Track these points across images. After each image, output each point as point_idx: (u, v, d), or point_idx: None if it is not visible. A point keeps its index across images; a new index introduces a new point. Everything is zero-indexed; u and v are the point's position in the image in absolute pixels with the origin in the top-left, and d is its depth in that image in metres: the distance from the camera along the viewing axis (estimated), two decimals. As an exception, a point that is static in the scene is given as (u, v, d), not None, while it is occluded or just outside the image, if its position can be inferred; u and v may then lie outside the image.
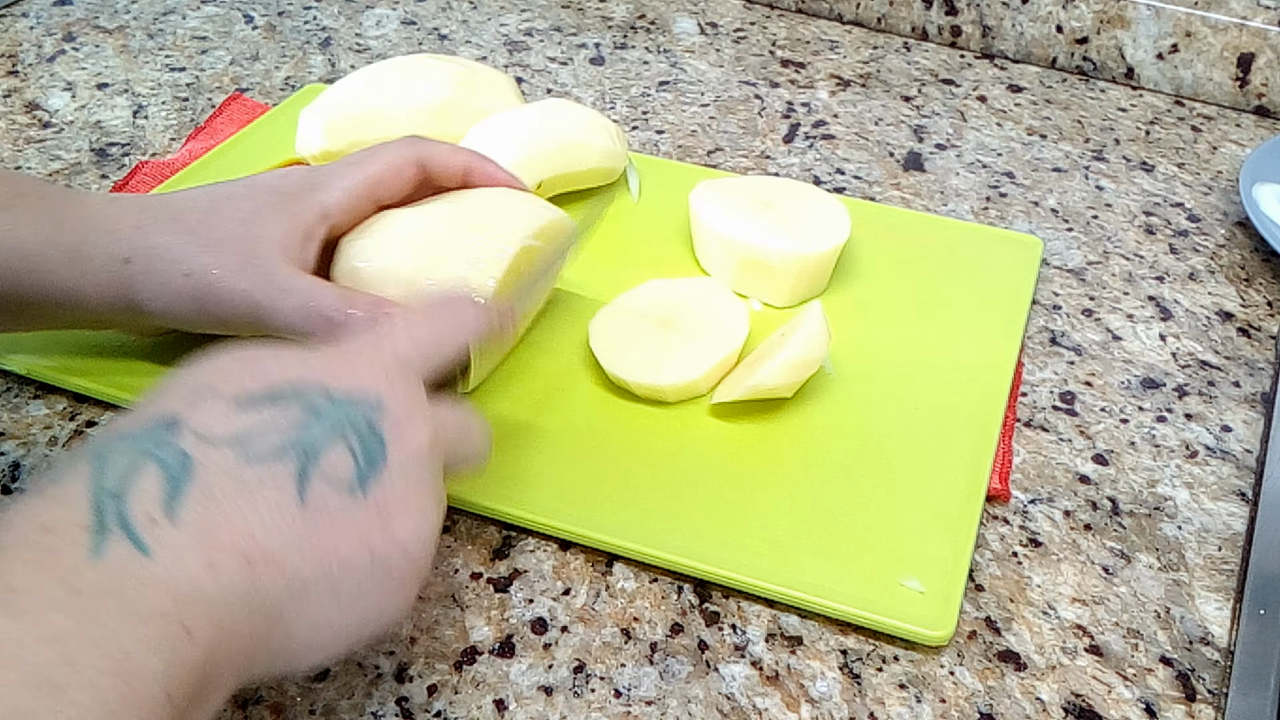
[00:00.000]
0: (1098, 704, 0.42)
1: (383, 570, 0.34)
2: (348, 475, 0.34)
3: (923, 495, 0.48)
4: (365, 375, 0.36)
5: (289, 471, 0.33)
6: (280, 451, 0.33)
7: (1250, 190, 0.66)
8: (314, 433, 0.34)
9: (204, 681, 0.30)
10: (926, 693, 0.43)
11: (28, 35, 0.81)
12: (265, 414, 0.34)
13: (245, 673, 0.32)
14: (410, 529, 0.35)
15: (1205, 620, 0.45)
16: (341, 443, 0.34)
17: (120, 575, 0.29)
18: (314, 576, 0.33)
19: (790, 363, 0.49)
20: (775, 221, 0.57)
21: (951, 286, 0.60)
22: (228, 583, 0.31)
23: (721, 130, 0.74)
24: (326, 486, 0.33)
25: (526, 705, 0.41)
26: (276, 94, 0.75)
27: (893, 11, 0.85)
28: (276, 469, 0.33)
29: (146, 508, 0.30)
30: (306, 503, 0.33)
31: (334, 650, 0.34)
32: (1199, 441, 0.53)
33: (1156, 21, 0.78)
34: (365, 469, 0.34)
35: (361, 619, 0.34)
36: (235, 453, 0.33)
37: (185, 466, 0.32)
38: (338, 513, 0.33)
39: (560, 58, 0.81)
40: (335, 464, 0.34)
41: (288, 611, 0.32)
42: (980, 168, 0.72)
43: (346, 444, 0.34)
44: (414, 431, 0.36)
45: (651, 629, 0.44)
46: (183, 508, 0.31)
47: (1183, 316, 0.61)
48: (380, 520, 0.34)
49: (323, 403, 0.35)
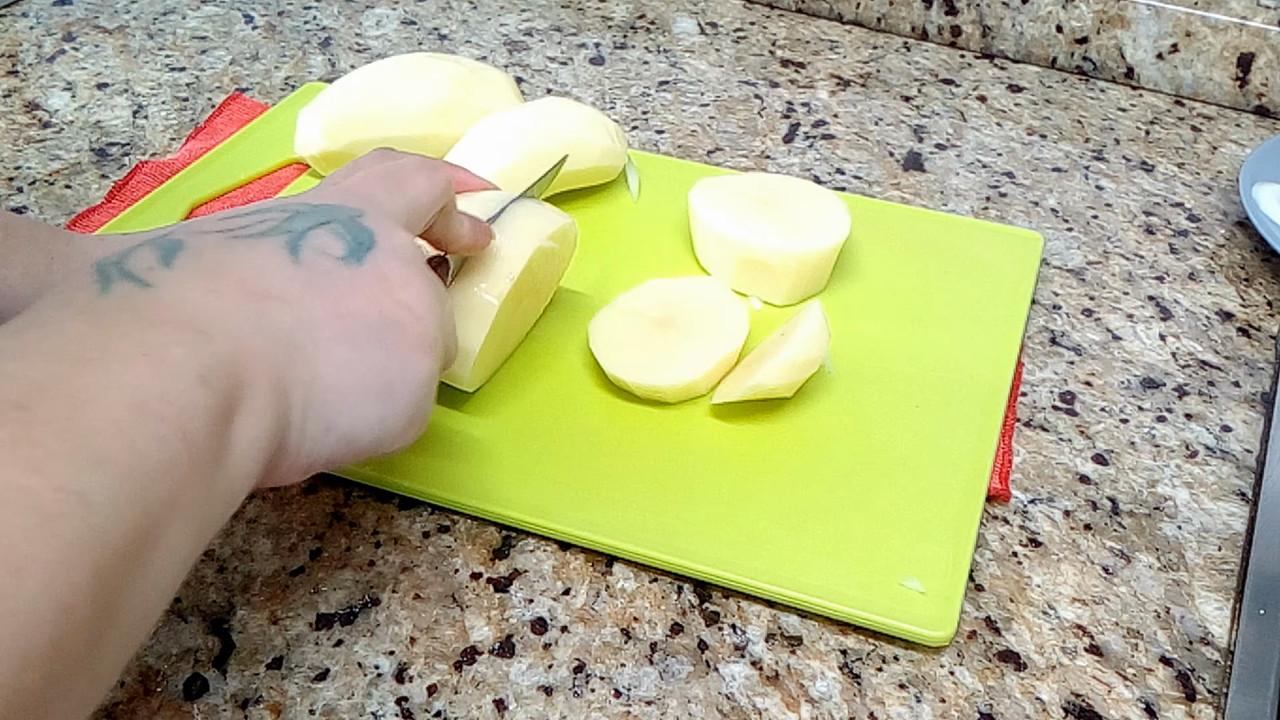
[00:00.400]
0: (1098, 704, 0.42)
1: (394, 326, 0.35)
2: (339, 250, 0.35)
3: (923, 495, 0.48)
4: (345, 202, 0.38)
5: (278, 243, 0.35)
6: (266, 233, 0.35)
7: (1250, 190, 0.66)
8: (298, 222, 0.36)
9: (237, 382, 0.31)
10: (926, 693, 0.43)
11: (28, 35, 0.81)
12: (249, 217, 0.36)
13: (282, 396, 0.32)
14: (414, 294, 0.36)
15: (1205, 620, 0.45)
16: (327, 229, 0.36)
17: (129, 301, 0.31)
18: (322, 318, 0.34)
19: (790, 362, 0.49)
20: (775, 220, 0.57)
21: (951, 285, 0.60)
22: (231, 304, 0.32)
23: (721, 130, 0.74)
24: (317, 255, 0.35)
25: (526, 705, 0.41)
26: (276, 94, 0.75)
27: (893, 11, 0.85)
28: (265, 241, 0.35)
29: (144, 263, 0.32)
30: (301, 262, 0.34)
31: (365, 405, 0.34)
32: (1199, 441, 0.53)
33: (1156, 21, 0.78)
34: (355, 246, 0.36)
35: (384, 369, 0.35)
36: (224, 236, 0.34)
37: (177, 244, 0.33)
38: (335, 273, 0.35)
39: (560, 58, 0.81)
40: (324, 241, 0.35)
41: (302, 341, 0.33)
42: (980, 167, 0.72)
43: (333, 230, 0.36)
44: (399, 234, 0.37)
45: (651, 629, 0.44)
46: (177, 261, 0.33)
47: (1183, 316, 0.61)
48: (380, 286, 0.35)
49: (304, 208, 0.37)
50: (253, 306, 0.33)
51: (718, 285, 0.56)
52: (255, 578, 0.46)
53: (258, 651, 0.43)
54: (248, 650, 0.43)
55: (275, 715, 0.41)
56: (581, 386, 0.53)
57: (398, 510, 0.48)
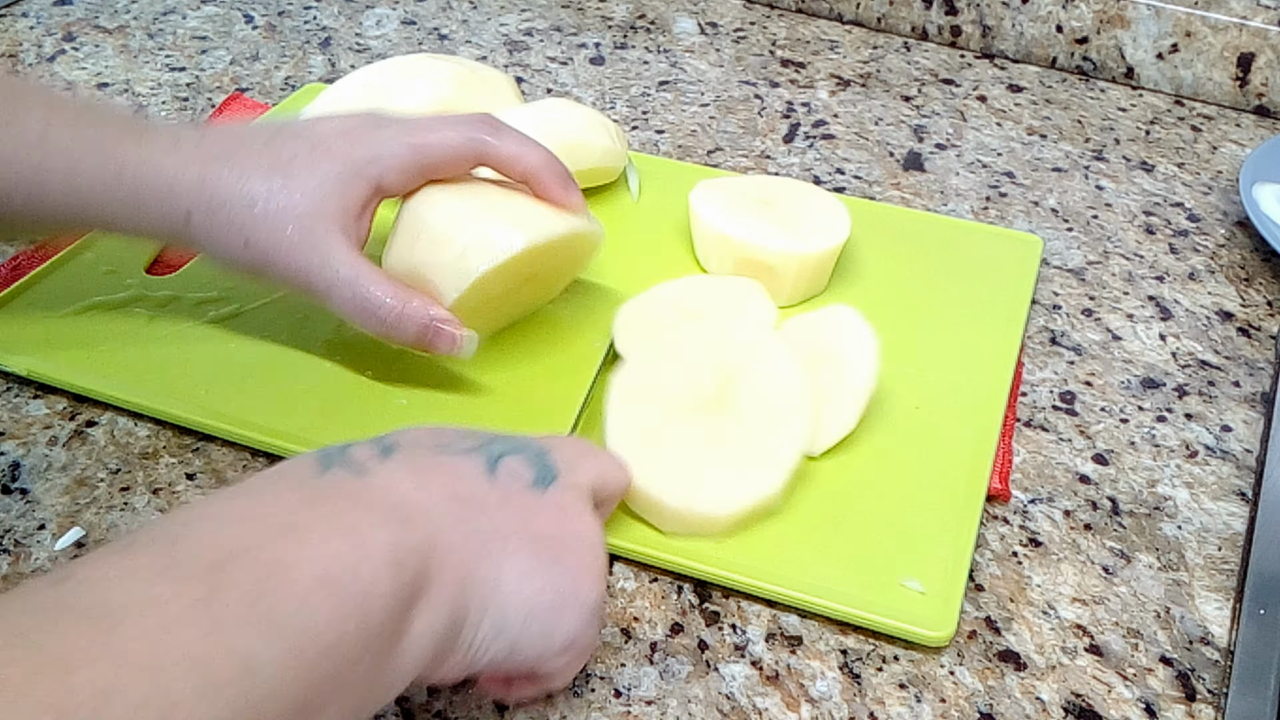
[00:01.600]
0: (1098, 704, 0.42)
1: (571, 551, 0.37)
2: (529, 476, 0.38)
3: (923, 495, 0.48)
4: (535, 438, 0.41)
5: (477, 461, 0.37)
6: (468, 451, 0.38)
7: (1250, 190, 0.66)
8: (497, 446, 0.39)
9: (425, 573, 0.32)
10: (926, 693, 0.43)
11: (28, 35, 0.81)
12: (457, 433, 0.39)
13: (463, 597, 0.34)
14: (587, 526, 0.38)
15: (1205, 620, 0.45)
16: (521, 456, 0.39)
17: (343, 484, 0.34)
18: (511, 530, 0.36)
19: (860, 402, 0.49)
20: (775, 221, 0.57)
21: (951, 286, 0.60)
22: (438, 500, 0.35)
23: (721, 130, 0.74)
24: (511, 476, 0.38)
25: (526, 705, 0.41)
26: (276, 94, 0.75)
27: (893, 11, 0.85)
28: (466, 458, 0.37)
29: (364, 455, 0.35)
30: (496, 478, 0.37)
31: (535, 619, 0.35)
32: (1199, 441, 0.53)
33: (1156, 21, 0.78)
34: (542, 474, 0.38)
35: (559, 587, 0.36)
36: (434, 449, 0.37)
37: (392, 446, 0.36)
38: (522, 496, 0.37)
39: (560, 58, 0.81)
40: (516, 467, 0.38)
41: (493, 546, 0.35)
42: (980, 167, 0.72)
43: (525, 458, 0.39)
44: (581, 469, 0.40)
45: (651, 629, 0.44)
46: (392, 458, 0.36)
47: (1183, 316, 0.61)
48: (561, 515, 0.38)
49: (501, 437, 0.40)
50: (455, 506, 0.35)
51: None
52: (255, 578, 0.46)
53: (258, 651, 0.43)
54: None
55: (275, 715, 0.41)
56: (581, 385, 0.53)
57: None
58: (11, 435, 0.51)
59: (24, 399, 0.53)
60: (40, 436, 0.51)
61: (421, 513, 0.34)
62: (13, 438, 0.51)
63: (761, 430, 0.47)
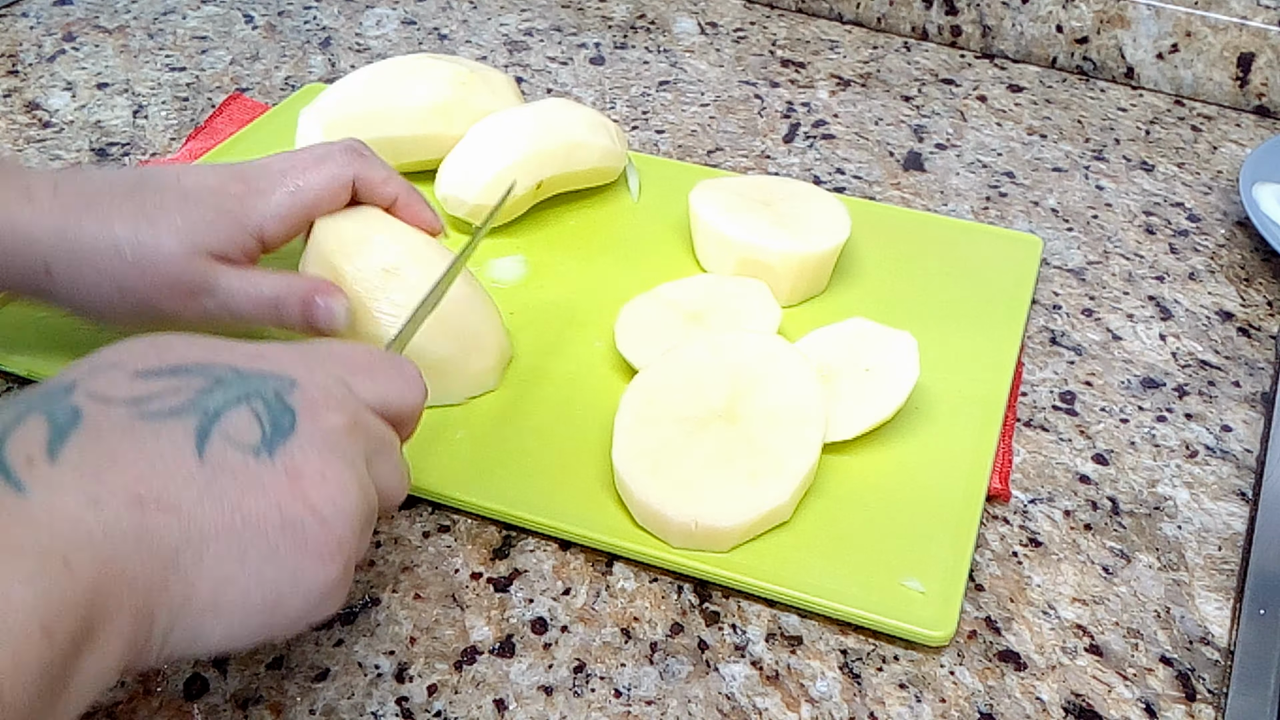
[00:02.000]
0: (1098, 704, 0.42)
1: (295, 534, 0.32)
2: (252, 439, 0.33)
3: (923, 495, 0.48)
4: (284, 361, 0.36)
5: (187, 428, 0.32)
6: (177, 410, 0.32)
7: (1250, 190, 0.66)
8: (216, 398, 0.33)
9: (90, 621, 0.28)
10: (926, 693, 0.43)
11: (28, 35, 0.81)
12: (167, 381, 0.33)
13: (145, 622, 0.30)
14: (325, 496, 0.33)
15: (1205, 620, 0.45)
16: (245, 408, 0.33)
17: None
18: (215, 528, 0.31)
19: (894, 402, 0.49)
20: (775, 221, 0.57)
21: (951, 286, 0.60)
22: (113, 519, 0.29)
23: (721, 130, 0.74)
24: (228, 445, 0.32)
25: (526, 705, 0.41)
26: (276, 94, 0.75)
27: (893, 11, 0.85)
28: (173, 424, 0.32)
29: (27, 450, 0.29)
30: (205, 457, 0.32)
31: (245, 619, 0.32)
32: (1199, 441, 0.53)
33: (1156, 21, 0.78)
34: (271, 434, 0.33)
35: (275, 584, 0.32)
36: (129, 410, 0.32)
37: (73, 417, 0.31)
38: (240, 470, 0.32)
39: (560, 58, 0.81)
40: (238, 426, 0.33)
41: (185, 559, 0.30)
42: (980, 167, 0.72)
43: (251, 410, 0.33)
44: (329, 412, 0.34)
45: (651, 629, 0.44)
46: (65, 449, 0.30)
47: (1183, 316, 0.61)
48: (290, 484, 0.32)
49: (229, 375, 0.34)
50: (136, 519, 0.30)
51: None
52: (255, 578, 0.46)
53: (258, 651, 0.43)
54: (248, 650, 0.43)
55: (275, 715, 0.41)
56: (581, 387, 0.53)
57: (398, 510, 0.48)
58: (11, 435, 0.51)
59: (24, 399, 0.53)
60: (40, 436, 0.51)
61: (89, 546, 0.28)
62: (13, 438, 0.51)
63: (773, 441, 0.46)
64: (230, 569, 0.31)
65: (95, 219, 0.45)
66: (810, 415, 0.47)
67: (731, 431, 0.47)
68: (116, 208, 0.45)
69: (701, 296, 0.55)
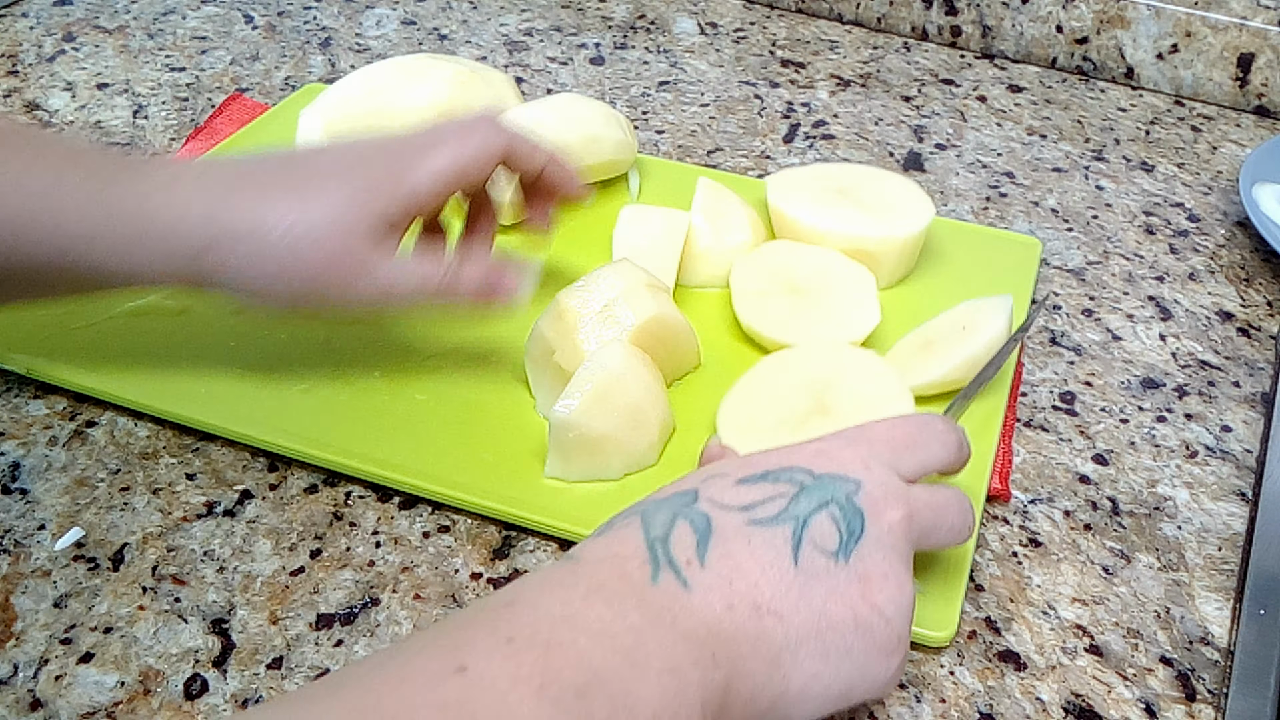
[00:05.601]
0: (1098, 704, 0.42)
1: (866, 634, 0.36)
2: (833, 544, 0.37)
3: (923, 495, 0.48)
4: (846, 462, 0.39)
5: (785, 535, 0.36)
6: (777, 518, 0.37)
7: (1250, 190, 0.66)
8: (802, 505, 0.37)
9: (724, 707, 0.33)
10: (926, 693, 0.43)
11: (28, 35, 0.81)
12: (763, 488, 0.38)
13: (751, 710, 0.35)
14: (887, 596, 0.37)
15: (1205, 620, 0.45)
16: (825, 513, 0.37)
17: (670, 600, 0.34)
18: (807, 631, 0.35)
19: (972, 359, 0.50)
20: (861, 207, 0.59)
21: (951, 287, 0.60)
22: (741, 624, 0.34)
23: (721, 130, 0.74)
24: (816, 552, 0.36)
25: (526, 705, 0.41)
26: (276, 94, 0.75)
27: (893, 11, 0.85)
28: (775, 532, 0.36)
29: (684, 553, 0.35)
30: (800, 565, 0.36)
31: (821, 706, 0.36)
32: (1199, 441, 0.53)
33: (1156, 21, 0.78)
34: (847, 538, 0.37)
35: (849, 678, 0.36)
36: (743, 516, 0.37)
37: (707, 524, 0.36)
38: (825, 576, 0.36)
39: (560, 58, 0.81)
40: (822, 532, 0.37)
41: (785, 660, 0.35)
42: (980, 168, 0.72)
43: (830, 515, 0.37)
44: (890, 510, 0.38)
45: (651, 629, 0.44)
46: (708, 555, 0.35)
47: (1183, 316, 0.61)
48: (861, 586, 0.36)
49: (808, 480, 0.38)
50: (755, 624, 0.35)
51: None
52: (255, 578, 0.46)
53: (258, 651, 0.43)
54: (248, 650, 0.43)
55: (275, 715, 0.41)
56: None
57: (398, 510, 0.48)
58: (11, 435, 0.51)
59: (24, 399, 0.53)
60: (40, 436, 0.51)
61: (728, 645, 0.34)
62: (13, 438, 0.51)
63: None
64: (817, 666, 0.36)
65: (248, 199, 0.44)
66: (895, 391, 0.49)
67: (830, 422, 0.48)
68: (268, 186, 0.45)
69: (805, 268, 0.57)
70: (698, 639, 0.33)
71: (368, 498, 0.49)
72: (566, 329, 0.50)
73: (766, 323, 0.54)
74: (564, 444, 0.47)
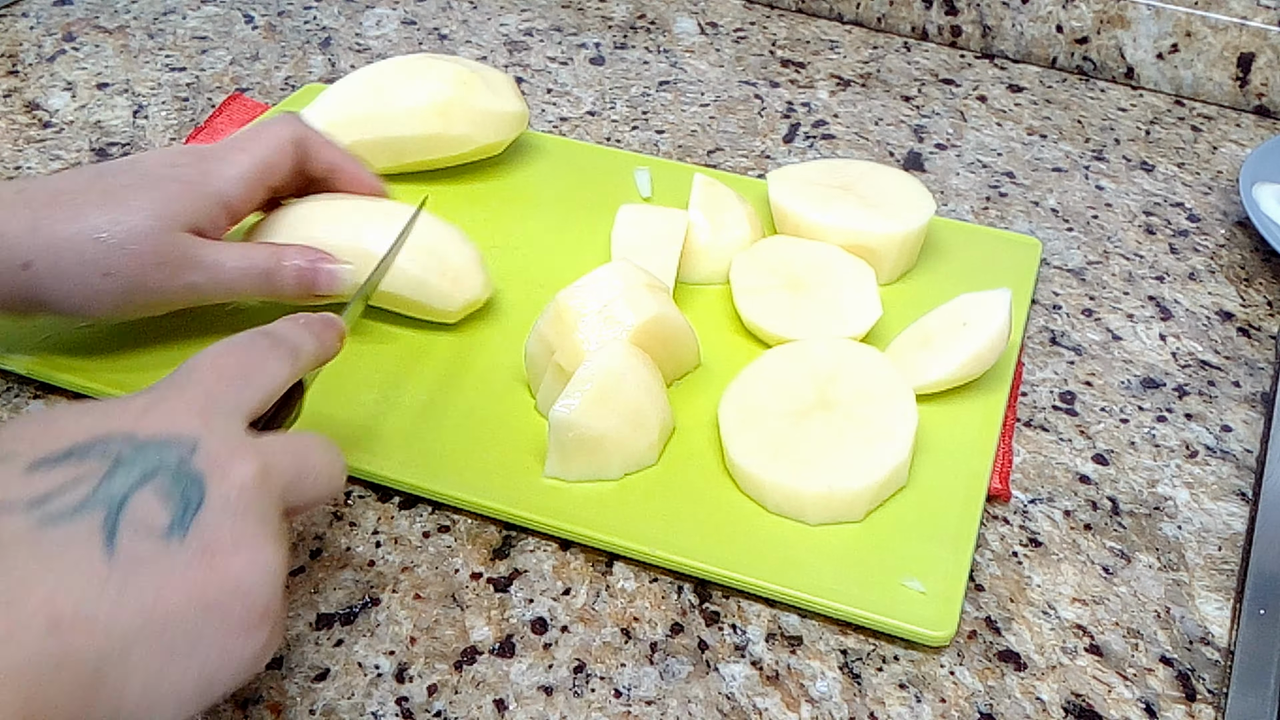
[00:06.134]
0: (1098, 704, 0.42)
1: (217, 616, 0.32)
2: (161, 521, 0.32)
3: (923, 495, 0.48)
4: (178, 417, 0.34)
5: (93, 525, 0.31)
6: (81, 507, 0.31)
7: (1250, 190, 0.66)
8: (118, 482, 0.32)
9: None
10: (926, 693, 0.43)
11: (28, 35, 0.81)
12: (64, 471, 0.32)
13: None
14: (242, 568, 0.32)
15: (1205, 620, 0.46)
16: (150, 488, 0.32)
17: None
18: (135, 633, 0.30)
19: (976, 356, 0.51)
20: (862, 202, 0.59)
21: (951, 287, 0.60)
22: (32, 652, 0.28)
23: (721, 130, 0.74)
24: (137, 535, 0.31)
25: (526, 705, 0.41)
26: (276, 94, 0.75)
27: (893, 11, 0.85)
28: (79, 526, 0.31)
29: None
30: (116, 555, 0.31)
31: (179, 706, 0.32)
32: (1199, 441, 0.53)
33: (1156, 21, 0.78)
34: (180, 512, 0.32)
35: (202, 672, 0.32)
36: (32, 517, 0.30)
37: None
38: (153, 561, 0.31)
39: (560, 58, 0.81)
40: (145, 510, 0.32)
41: (110, 674, 0.30)
42: (980, 168, 0.72)
43: (157, 488, 0.32)
44: (237, 468, 0.34)
45: (651, 629, 0.44)
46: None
47: (1183, 316, 0.61)
48: (206, 563, 0.32)
49: (127, 450, 0.33)
50: (55, 644, 0.29)
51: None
52: (255, 578, 0.46)
53: (258, 651, 0.43)
54: None
55: (275, 715, 0.41)
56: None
57: (398, 510, 0.48)
58: (11, 435, 0.51)
59: (24, 399, 0.53)
60: (40, 436, 0.51)
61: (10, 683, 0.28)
62: (13, 438, 0.51)
63: (873, 414, 0.48)
64: (156, 665, 0.31)
65: (66, 210, 0.46)
66: (898, 387, 0.49)
67: (832, 416, 0.49)
68: (84, 197, 0.46)
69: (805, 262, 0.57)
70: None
71: (368, 498, 0.49)
72: (566, 329, 0.50)
73: (768, 318, 0.54)
74: (564, 444, 0.47)
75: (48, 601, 0.29)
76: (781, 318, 0.54)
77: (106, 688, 0.30)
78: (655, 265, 0.55)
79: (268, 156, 0.50)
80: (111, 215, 0.46)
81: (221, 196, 0.49)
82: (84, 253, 0.45)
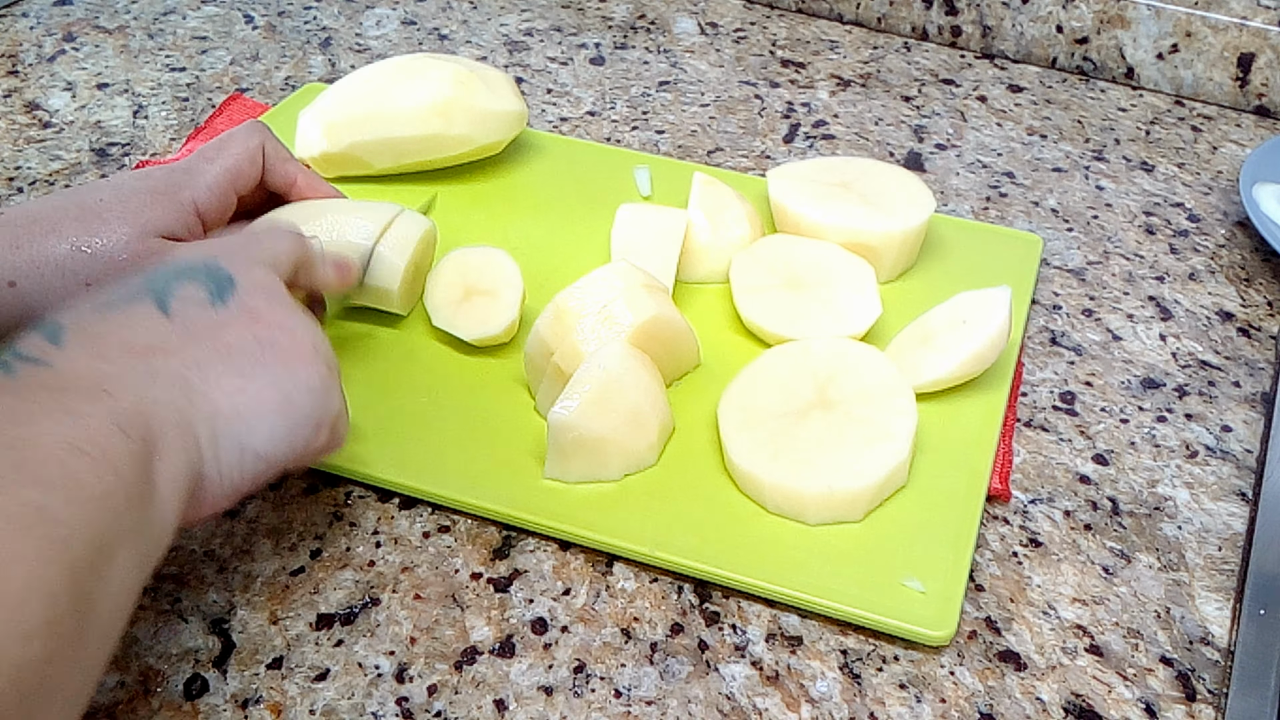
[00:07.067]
0: (1098, 704, 0.42)
1: (274, 347, 0.38)
2: (203, 295, 0.39)
3: (923, 495, 0.48)
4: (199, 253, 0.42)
5: (147, 304, 0.38)
6: (131, 297, 0.38)
7: (1250, 190, 0.65)
8: (159, 279, 0.39)
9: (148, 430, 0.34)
10: (926, 693, 0.43)
11: (28, 35, 0.81)
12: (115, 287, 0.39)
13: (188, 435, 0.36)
14: (283, 316, 0.39)
15: (1205, 620, 0.45)
16: (188, 280, 0.39)
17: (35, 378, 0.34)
18: (205, 357, 0.37)
19: (976, 355, 0.51)
20: (862, 201, 0.59)
21: (951, 286, 0.60)
22: (122, 365, 0.35)
23: (721, 130, 0.74)
24: (186, 305, 0.38)
25: (526, 705, 0.41)
26: (276, 94, 0.75)
27: (893, 11, 0.85)
28: (134, 306, 0.38)
29: (36, 347, 0.35)
30: (172, 316, 0.38)
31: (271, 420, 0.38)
32: (1199, 441, 0.53)
33: (1156, 21, 0.78)
34: (217, 291, 0.39)
35: (276, 384, 0.38)
36: (96, 310, 0.38)
37: (58, 328, 0.36)
38: (205, 319, 0.38)
39: (560, 58, 0.81)
40: (188, 291, 0.39)
41: (194, 382, 0.36)
42: (980, 168, 0.72)
43: (194, 280, 0.39)
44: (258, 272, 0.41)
45: (651, 629, 0.44)
46: (63, 340, 0.35)
47: (1183, 316, 0.61)
48: (250, 316, 0.39)
49: (161, 268, 0.40)
50: (141, 364, 0.36)
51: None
52: (255, 578, 0.46)
53: (258, 651, 0.43)
54: (248, 650, 0.43)
55: (275, 715, 0.41)
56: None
57: (398, 510, 0.48)
58: (11, 435, 0.51)
59: (24, 399, 0.53)
60: (40, 436, 0.51)
61: (116, 381, 0.34)
62: (13, 438, 0.51)
63: (872, 414, 0.48)
64: (235, 381, 0.37)
65: (44, 228, 0.47)
66: (897, 386, 0.49)
67: (831, 415, 0.48)
68: (61, 214, 0.48)
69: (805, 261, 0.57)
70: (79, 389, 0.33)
71: (368, 498, 0.49)
72: (565, 329, 0.50)
73: (767, 317, 0.54)
74: (563, 445, 0.47)
75: (125, 342, 0.36)
76: (781, 317, 0.54)
77: (198, 394, 0.36)
78: (655, 264, 0.55)
79: (236, 164, 0.52)
80: (90, 228, 0.47)
81: (194, 203, 0.50)
82: (66, 266, 0.47)
